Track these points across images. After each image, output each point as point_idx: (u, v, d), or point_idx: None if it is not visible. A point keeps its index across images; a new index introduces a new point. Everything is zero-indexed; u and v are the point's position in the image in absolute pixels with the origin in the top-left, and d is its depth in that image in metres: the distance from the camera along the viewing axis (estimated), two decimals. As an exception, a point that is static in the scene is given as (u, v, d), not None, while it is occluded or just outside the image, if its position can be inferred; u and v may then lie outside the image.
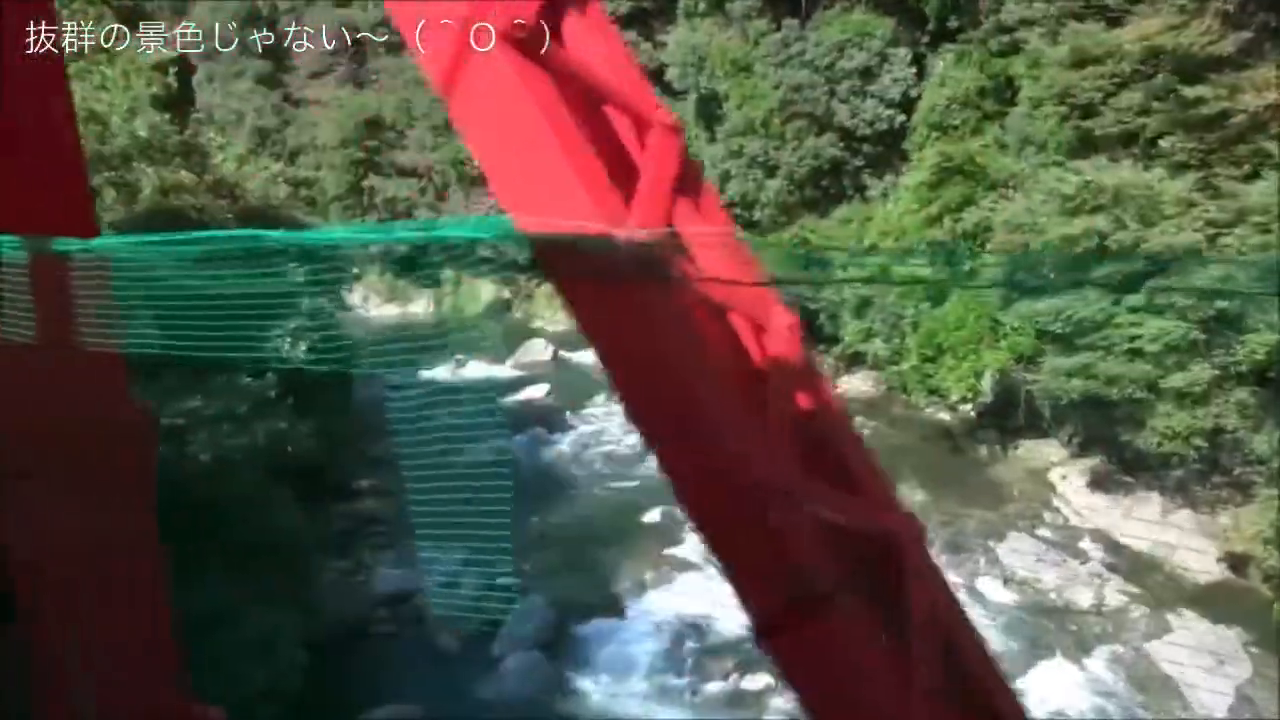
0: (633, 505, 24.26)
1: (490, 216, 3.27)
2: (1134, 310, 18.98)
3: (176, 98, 28.31)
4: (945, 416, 27.69)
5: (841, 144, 32.59)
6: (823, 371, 27.94)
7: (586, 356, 38.65)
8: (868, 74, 31.68)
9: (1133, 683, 16.53)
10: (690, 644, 18.74)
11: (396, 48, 52.58)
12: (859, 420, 29.12)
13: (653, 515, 23.63)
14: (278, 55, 53.19)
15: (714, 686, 17.43)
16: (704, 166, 37.13)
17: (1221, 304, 18.24)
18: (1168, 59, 18.84)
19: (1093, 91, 21.34)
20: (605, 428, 30.41)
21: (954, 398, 24.01)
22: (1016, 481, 23.74)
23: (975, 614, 19.11)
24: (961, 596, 17.89)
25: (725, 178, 34.67)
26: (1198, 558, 19.26)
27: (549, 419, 31.26)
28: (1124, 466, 22.72)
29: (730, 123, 34.08)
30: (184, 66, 37.67)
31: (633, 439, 29.48)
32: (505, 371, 36.95)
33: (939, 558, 20.68)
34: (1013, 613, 18.82)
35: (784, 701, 16.91)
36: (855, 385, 31.35)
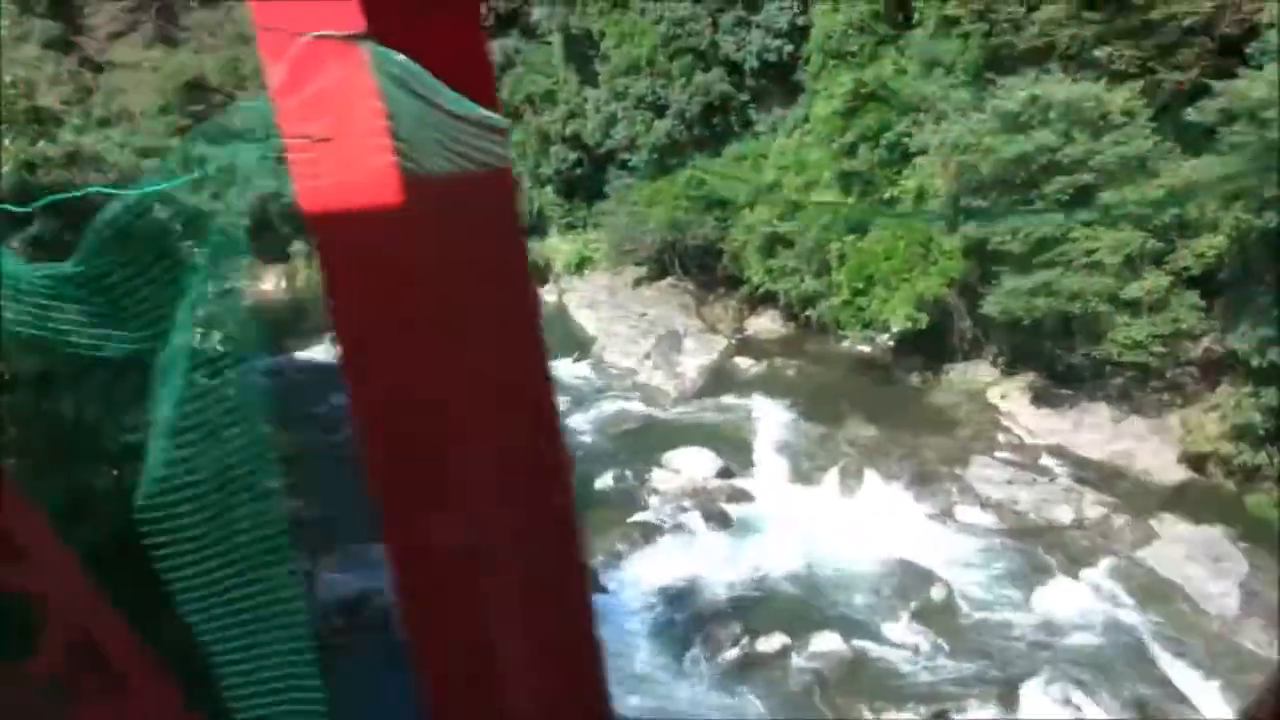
0: (579, 476, 22.82)
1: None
2: (1088, 224, 18.99)
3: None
4: (865, 349, 27.53)
5: (730, 78, 31.66)
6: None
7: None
8: (752, 4, 30.76)
9: (1138, 591, 16.72)
10: (686, 612, 17.73)
11: (211, 0, 48.02)
12: (778, 360, 28.74)
13: (604, 481, 22.41)
14: (69, 15, 47.58)
15: (728, 654, 16.49)
16: (578, 109, 35.57)
17: (1174, 210, 18.50)
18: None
19: (1015, 6, 21.10)
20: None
21: (895, 329, 23.73)
22: (958, 405, 23.78)
23: (964, 542, 19.03)
24: (944, 525, 17.58)
25: (611, 120, 33.21)
26: (1158, 462, 19.73)
27: (455, 390, 29.26)
28: (1057, 380, 23.07)
29: (612, 63, 32.50)
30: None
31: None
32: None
33: (909, 489, 20.52)
34: (999, 536, 18.77)
35: (804, 660, 16.22)
36: (764, 325, 30.87)
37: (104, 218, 2.83)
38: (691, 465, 22.37)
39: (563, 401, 27.58)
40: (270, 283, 44.17)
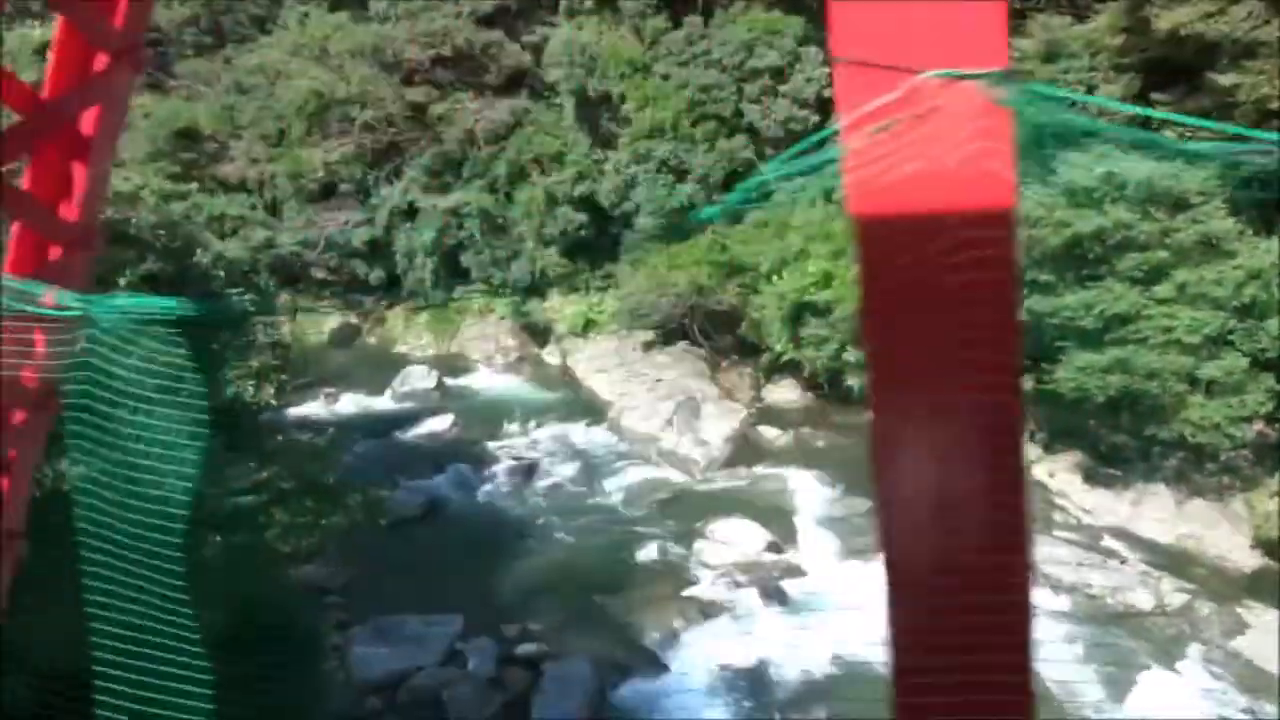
0: (617, 545, 21.78)
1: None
2: (1163, 301, 18.70)
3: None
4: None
5: (752, 146, 31.48)
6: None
7: (472, 381, 35.52)
8: (778, 74, 30.74)
9: (1240, 684, 16.00)
10: (763, 697, 16.59)
11: (207, 49, 47.10)
12: (804, 430, 28.04)
13: (648, 553, 21.30)
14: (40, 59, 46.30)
15: (815, 744, 15.37)
16: (587, 170, 35.13)
17: (1251, 291, 18.30)
18: (1190, 46, 18.76)
19: (1074, 84, 21.09)
20: (534, 458, 27.61)
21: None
22: (1005, 483, 23.14)
23: (1042, 628, 18.17)
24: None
25: (630, 184, 32.74)
26: (1231, 547, 19.24)
27: (466, 454, 27.99)
28: (1104, 460, 22.65)
29: (635, 126, 32.15)
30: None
31: (570, 469, 26.92)
32: (385, 403, 33.21)
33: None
34: (1078, 622, 17.98)
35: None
36: (784, 395, 30.23)
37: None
38: (738, 538, 21.38)
39: (585, 467, 26.55)
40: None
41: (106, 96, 3.43)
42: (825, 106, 30.41)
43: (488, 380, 35.20)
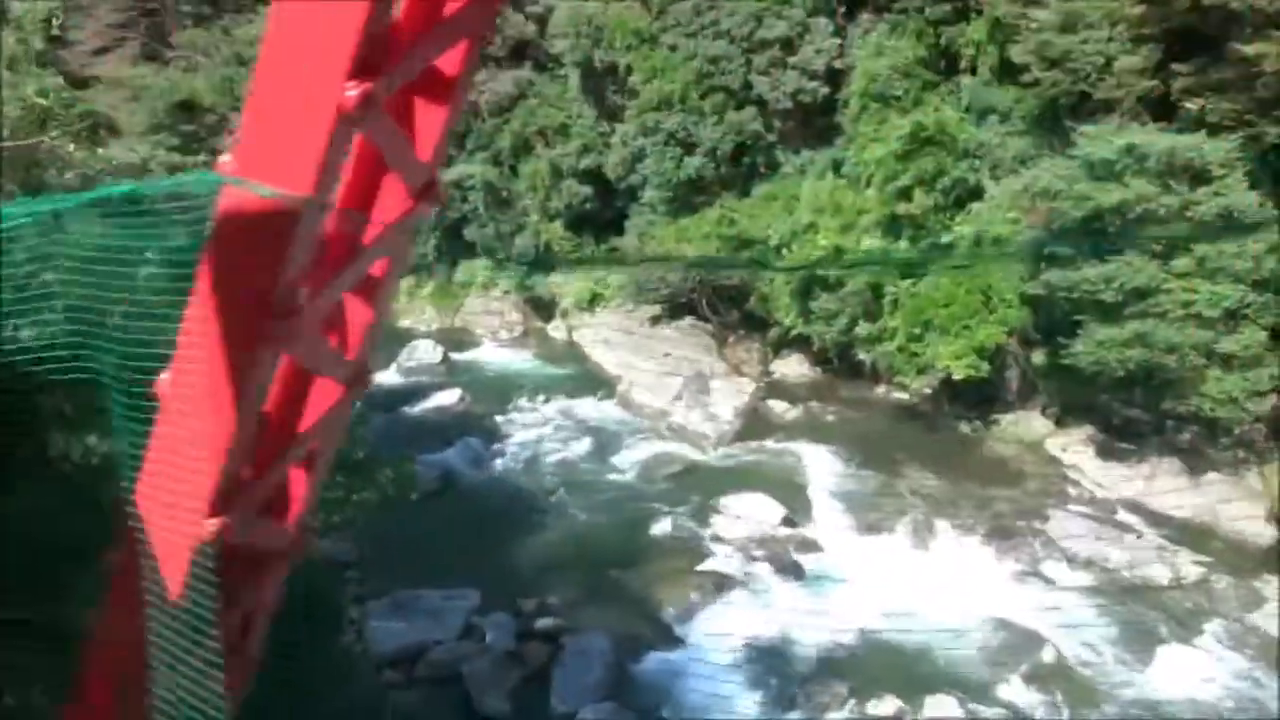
0: (631, 520, 21.74)
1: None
2: (1183, 275, 18.60)
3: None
4: (903, 396, 26.94)
5: (761, 118, 31.19)
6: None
7: (477, 355, 35.36)
8: (788, 45, 30.38)
9: (1258, 657, 16.05)
10: (780, 671, 16.60)
11: (205, 19, 46.51)
12: (814, 405, 27.96)
13: (662, 528, 21.26)
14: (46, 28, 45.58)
15: (833, 718, 15.39)
16: (592, 143, 34.84)
17: (1271, 264, 18.21)
18: (1213, 15, 18.54)
19: (1094, 56, 20.87)
20: (543, 432, 27.54)
21: (956, 377, 23.06)
22: (1017, 456, 23.21)
23: (1061, 601, 18.24)
24: (1035, 583, 16.76)
25: (638, 156, 32.46)
26: (1246, 520, 19.25)
27: (476, 428, 27.88)
28: (1116, 434, 22.64)
29: (642, 98, 31.81)
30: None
31: (580, 444, 26.84)
32: (391, 377, 33.01)
33: (988, 544, 19.73)
34: (1095, 596, 18.01)
35: (921, 726, 15.18)
36: (793, 369, 30.15)
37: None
38: (751, 512, 21.35)
39: (595, 442, 26.47)
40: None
41: (467, 32, 3.20)
42: (835, 78, 30.14)
43: (493, 355, 35.07)
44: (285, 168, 2.80)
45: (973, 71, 26.03)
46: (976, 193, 24.87)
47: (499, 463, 25.55)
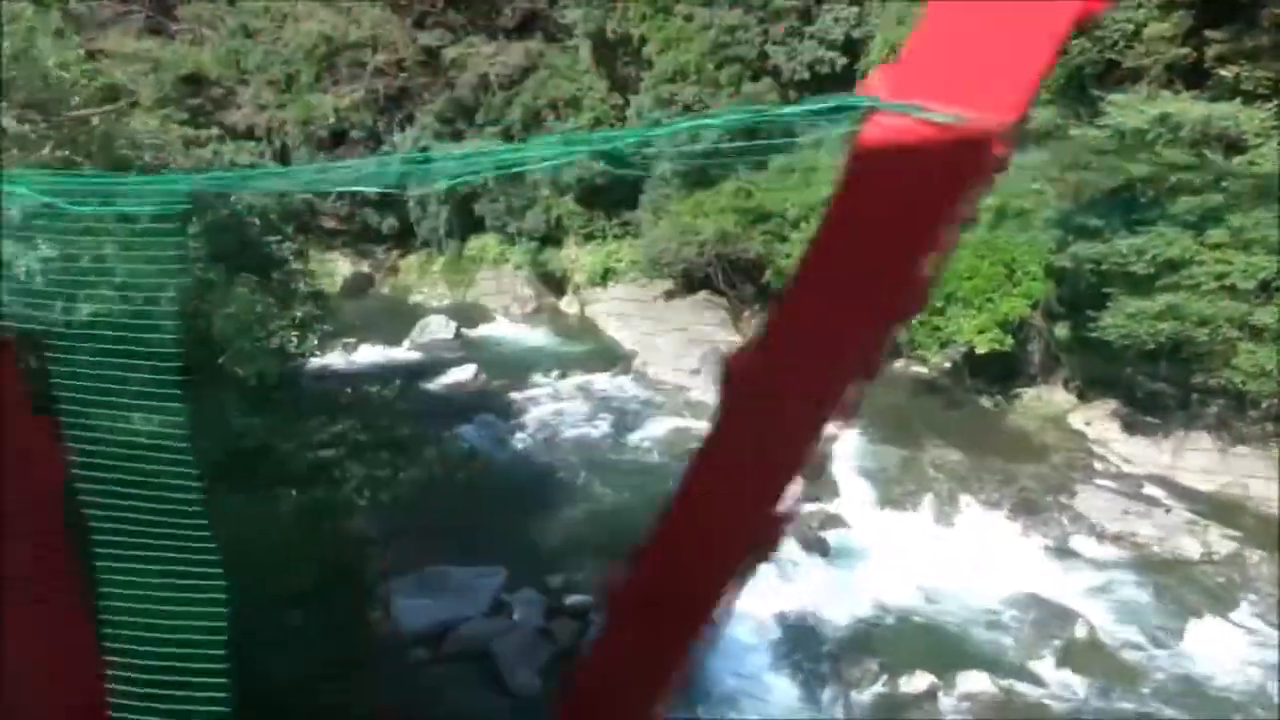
0: (653, 497, 21.51)
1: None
2: (1216, 246, 18.33)
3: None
4: (922, 369, 26.77)
5: (777, 90, 30.81)
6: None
7: (490, 330, 35.17)
8: (805, 14, 30.01)
9: (1293, 633, 15.93)
10: (810, 648, 16.48)
11: (209, -9, 45.93)
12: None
13: (685, 503, 21.06)
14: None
15: (868, 694, 15.29)
16: (604, 115, 34.45)
17: (1307, 235, 17.91)
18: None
19: (1122, 23, 20.49)
20: (561, 408, 27.37)
21: (980, 350, 22.85)
22: (1041, 431, 23.03)
23: (1091, 576, 18.10)
24: (1064, 558, 16.59)
25: (653, 128, 32.06)
26: (1276, 495, 19.06)
27: (493, 404, 27.73)
28: (1140, 408, 22.45)
29: (656, 69, 31.45)
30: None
31: (598, 419, 26.68)
32: (405, 354, 32.88)
33: (1014, 519, 19.59)
34: (1127, 571, 17.87)
35: (954, 700, 15.10)
36: (810, 344, 29.90)
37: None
38: (775, 488, 21.18)
39: (613, 418, 26.31)
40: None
41: None
42: (852, 48, 29.76)
43: (506, 330, 34.90)
44: (978, 87, 2.19)
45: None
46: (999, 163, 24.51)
47: (517, 438, 25.40)
